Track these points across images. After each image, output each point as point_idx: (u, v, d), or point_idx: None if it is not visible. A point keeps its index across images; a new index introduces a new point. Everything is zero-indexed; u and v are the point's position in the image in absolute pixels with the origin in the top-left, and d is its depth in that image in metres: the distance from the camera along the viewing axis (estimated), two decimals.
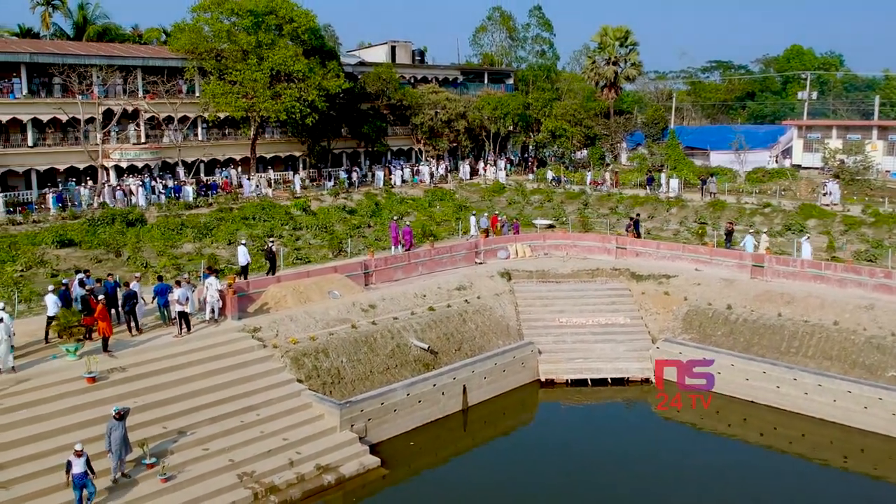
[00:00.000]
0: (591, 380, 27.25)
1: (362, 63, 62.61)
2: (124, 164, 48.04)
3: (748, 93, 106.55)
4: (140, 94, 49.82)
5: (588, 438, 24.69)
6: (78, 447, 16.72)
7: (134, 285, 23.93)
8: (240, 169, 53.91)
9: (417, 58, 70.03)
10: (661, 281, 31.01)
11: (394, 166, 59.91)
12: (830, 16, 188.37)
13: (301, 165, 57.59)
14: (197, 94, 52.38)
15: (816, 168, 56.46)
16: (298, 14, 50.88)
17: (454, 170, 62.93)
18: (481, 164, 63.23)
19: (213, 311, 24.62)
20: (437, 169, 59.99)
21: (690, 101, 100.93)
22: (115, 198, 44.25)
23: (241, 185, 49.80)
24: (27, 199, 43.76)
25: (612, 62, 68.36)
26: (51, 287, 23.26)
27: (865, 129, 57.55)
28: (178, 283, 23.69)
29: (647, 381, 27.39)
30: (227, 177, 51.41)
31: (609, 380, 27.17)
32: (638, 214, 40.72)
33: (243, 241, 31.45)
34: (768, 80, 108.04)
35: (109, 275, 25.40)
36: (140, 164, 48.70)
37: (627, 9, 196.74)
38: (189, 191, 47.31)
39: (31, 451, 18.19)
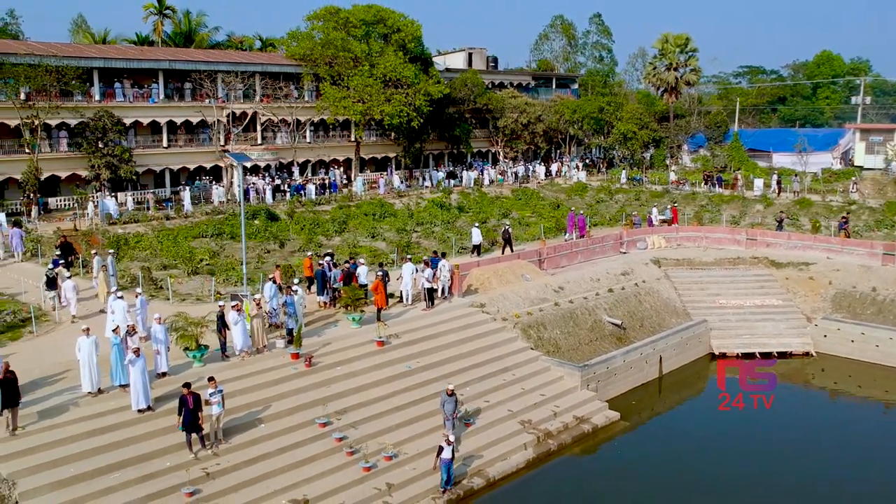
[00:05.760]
0: (760, 353, 30.71)
1: (447, 69, 66.01)
2: (248, 164, 51.25)
3: (779, 97, 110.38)
4: (258, 97, 53.05)
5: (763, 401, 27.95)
6: (451, 437, 19.14)
7: (409, 266, 27.19)
8: (341, 169, 57.32)
9: (492, 64, 73.43)
10: (800, 268, 34.54)
11: (476, 167, 63.37)
12: (858, 22, 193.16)
13: (394, 166, 60.95)
14: (307, 98, 55.69)
15: (879, 169, 60.12)
16: (405, 24, 54.41)
17: (534, 170, 66.43)
18: (560, 166, 66.65)
19: (443, 289, 27.99)
20: (520, 170, 63.43)
21: (721, 105, 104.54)
22: (246, 195, 47.59)
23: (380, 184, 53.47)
24: (164, 196, 47.01)
25: (673, 68, 71.92)
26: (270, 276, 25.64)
27: None
28: (427, 264, 27.06)
29: (808, 354, 30.92)
30: (347, 179, 54.61)
31: (775, 353, 30.61)
32: (848, 213, 43.20)
33: (477, 224, 36.08)
34: (798, 86, 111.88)
35: (352, 257, 28.74)
36: (262, 164, 52.00)
37: (655, 16, 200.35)
38: (312, 189, 50.71)
39: (357, 400, 21.49)
